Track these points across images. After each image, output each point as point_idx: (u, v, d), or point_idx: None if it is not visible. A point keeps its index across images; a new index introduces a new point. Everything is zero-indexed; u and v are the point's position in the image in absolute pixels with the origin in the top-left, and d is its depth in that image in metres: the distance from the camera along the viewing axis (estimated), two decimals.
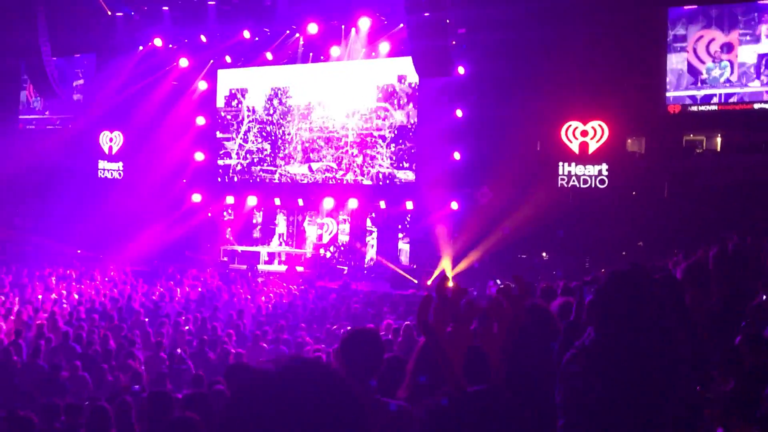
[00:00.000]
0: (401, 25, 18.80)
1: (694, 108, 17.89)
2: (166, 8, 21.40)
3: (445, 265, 18.48)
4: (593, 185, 18.53)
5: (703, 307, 3.80)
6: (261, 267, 21.05)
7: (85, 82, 24.94)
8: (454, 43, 18.64)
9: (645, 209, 17.72)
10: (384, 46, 20.45)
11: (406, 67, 19.98)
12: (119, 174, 24.64)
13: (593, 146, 18.59)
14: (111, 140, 24.63)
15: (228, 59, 22.98)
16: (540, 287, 7.53)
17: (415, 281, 18.10)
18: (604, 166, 18.49)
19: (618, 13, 17.43)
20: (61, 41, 21.25)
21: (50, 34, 19.47)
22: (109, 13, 22.22)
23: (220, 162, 23.51)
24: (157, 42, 22.48)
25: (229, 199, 22.99)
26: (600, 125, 18.50)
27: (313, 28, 20.50)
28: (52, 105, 25.09)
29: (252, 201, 22.56)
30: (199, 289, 16.06)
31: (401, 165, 20.69)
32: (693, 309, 3.57)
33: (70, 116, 25.34)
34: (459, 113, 19.10)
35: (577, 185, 18.67)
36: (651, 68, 18.42)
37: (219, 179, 23.49)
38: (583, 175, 18.58)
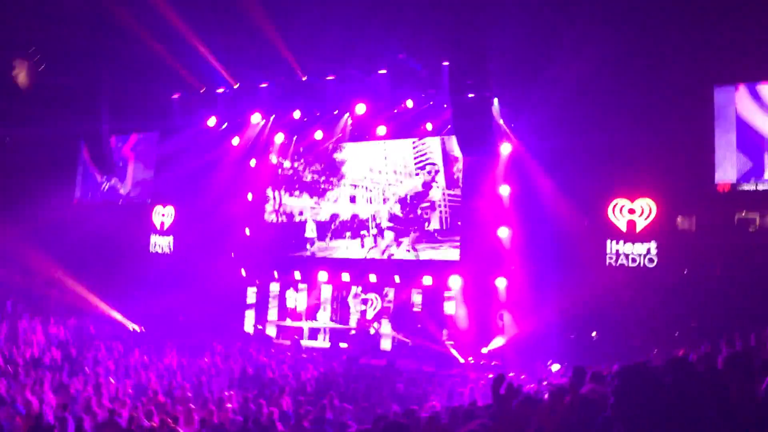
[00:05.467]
0: (445, 105, 19.16)
1: (745, 187, 17.57)
2: (221, 90, 22.29)
3: (494, 342, 18.32)
4: (642, 264, 18.20)
5: (749, 400, 3.66)
6: (305, 342, 21.03)
7: (141, 159, 25.88)
8: (501, 121, 18.89)
9: (697, 288, 17.26)
10: (428, 125, 20.81)
11: (450, 144, 20.31)
12: (169, 248, 25.13)
13: (641, 224, 18.35)
14: (163, 215, 25.29)
15: (280, 137, 23.58)
16: (590, 372, 7.38)
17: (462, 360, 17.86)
18: (653, 245, 18.18)
19: (665, 90, 17.43)
20: (121, 120, 22.21)
21: (112, 113, 20.37)
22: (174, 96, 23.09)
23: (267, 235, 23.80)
24: (211, 122, 23.30)
25: (275, 274, 23.18)
26: (648, 203, 18.31)
27: (360, 109, 21.15)
28: (108, 180, 25.99)
29: (297, 275, 22.71)
30: (246, 367, 16.08)
31: (446, 241, 20.67)
32: (738, 402, 3.46)
33: (127, 192, 26.20)
34: (505, 190, 19.14)
35: (626, 264, 18.36)
36: (699, 145, 18.19)
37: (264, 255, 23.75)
38: (632, 253, 18.30)
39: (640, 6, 17.27)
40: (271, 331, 22.64)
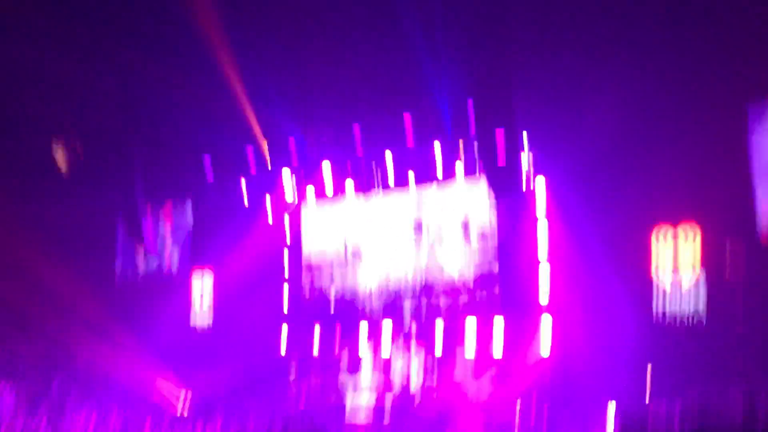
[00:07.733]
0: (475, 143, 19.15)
1: None
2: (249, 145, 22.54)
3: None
4: (692, 290, 17.61)
5: None
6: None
7: (178, 226, 26.08)
8: (530, 155, 18.72)
9: (753, 321, 16.64)
10: (459, 165, 20.54)
11: (482, 184, 20.07)
12: (209, 315, 24.93)
13: (686, 249, 17.83)
14: (202, 278, 25.19)
15: (311, 193, 23.51)
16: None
17: None
18: (702, 272, 17.63)
19: (700, 111, 17.19)
20: (156, 187, 22.57)
21: (146, 181, 20.76)
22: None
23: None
24: (243, 186, 23.56)
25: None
26: (692, 227, 17.81)
27: (389, 156, 21.23)
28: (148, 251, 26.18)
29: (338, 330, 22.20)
30: None
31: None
32: None
33: (166, 261, 26.28)
34: (542, 226, 18.80)
35: (677, 293, 17.78)
36: (736, 167, 17.70)
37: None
38: (680, 280, 17.74)
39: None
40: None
